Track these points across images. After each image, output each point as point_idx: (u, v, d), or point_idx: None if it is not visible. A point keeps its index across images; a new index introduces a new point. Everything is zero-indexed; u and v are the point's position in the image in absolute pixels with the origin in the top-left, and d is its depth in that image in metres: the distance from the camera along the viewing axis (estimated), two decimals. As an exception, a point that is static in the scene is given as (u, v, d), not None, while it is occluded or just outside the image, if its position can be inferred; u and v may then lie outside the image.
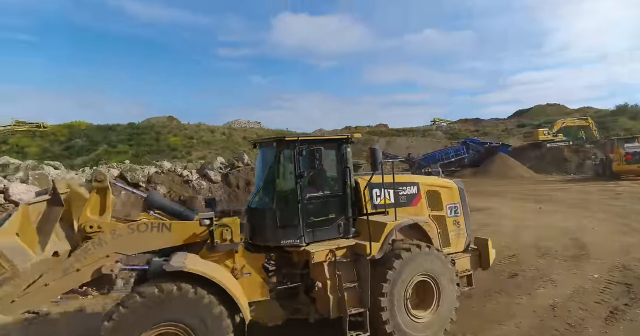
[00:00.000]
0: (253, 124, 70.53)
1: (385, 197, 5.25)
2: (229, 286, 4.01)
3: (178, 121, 59.15)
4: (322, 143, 5.00)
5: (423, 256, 4.86)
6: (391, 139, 58.89)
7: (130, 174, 9.66)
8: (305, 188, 4.85)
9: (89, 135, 51.08)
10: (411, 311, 4.81)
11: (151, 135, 49.07)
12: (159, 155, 44.40)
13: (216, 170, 11.21)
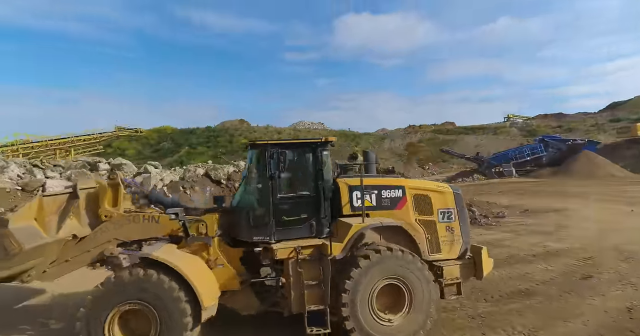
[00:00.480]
0: (316, 125, 72.38)
1: (366, 199, 5.25)
2: (187, 273, 4.38)
3: (248, 124, 63.12)
4: (292, 147, 5.31)
5: (393, 260, 4.84)
6: (458, 137, 56.12)
7: (214, 173, 11.02)
8: (278, 189, 5.06)
9: (174, 138, 57.12)
10: (377, 312, 4.83)
11: (225, 138, 53.25)
12: (233, 155, 48.10)
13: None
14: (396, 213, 5.33)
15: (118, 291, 4.35)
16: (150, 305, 4.32)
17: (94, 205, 5.21)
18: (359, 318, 4.68)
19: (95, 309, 4.29)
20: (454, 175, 36.72)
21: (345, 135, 64.84)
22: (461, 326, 5.57)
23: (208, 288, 4.64)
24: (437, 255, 5.44)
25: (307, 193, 5.21)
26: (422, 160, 50.82)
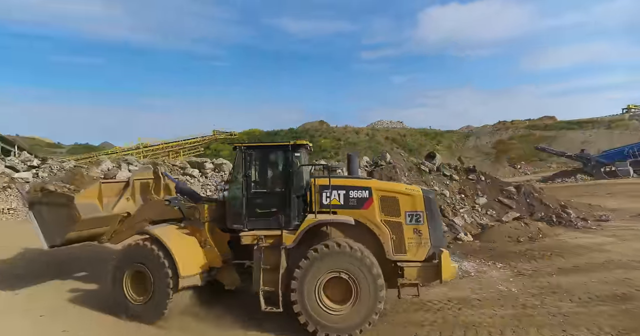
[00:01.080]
0: (395, 124, 71.28)
1: (334, 198, 5.59)
2: (170, 246, 5.54)
3: (328, 124, 65.05)
4: (264, 149, 6.00)
5: (341, 255, 5.16)
6: (558, 133, 50.06)
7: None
8: (252, 185, 5.74)
9: (261, 139, 61.97)
10: (324, 301, 5.18)
11: (306, 138, 55.93)
12: (312, 155, 50.44)
13: (362, 168, 12.83)
14: (362, 213, 5.59)
15: (129, 255, 5.82)
16: (147, 268, 5.63)
17: (146, 191, 7.01)
18: (305, 304, 5.16)
19: (117, 265, 5.81)
20: (551, 175, 33.11)
21: (426, 133, 62.64)
22: (540, 323, 5.58)
23: (189, 260, 5.67)
24: (402, 255, 5.55)
25: (277, 190, 5.83)
26: (513, 159, 46.68)
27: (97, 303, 6.15)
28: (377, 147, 52.69)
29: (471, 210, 12.81)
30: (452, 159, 37.16)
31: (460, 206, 12.65)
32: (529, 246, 9.92)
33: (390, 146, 55.93)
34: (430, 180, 13.35)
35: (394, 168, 12.72)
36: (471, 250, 9.85)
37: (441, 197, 12.74)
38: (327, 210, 5.61)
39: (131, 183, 7.02)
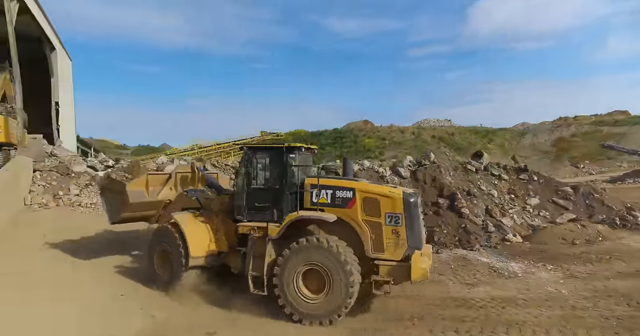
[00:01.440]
0: (443, 122, 69.00)
1: (323, 197, 6.02)
2: (184, 230, 6.48)
3: (372, 124, 64.75)
4: (262, 150, 6.74)
5: (317, 249, 5.63)
6: (631, 129, 45.49)
7: (340, 170, 12.61)
8: (252, 181, 6.44)
9: (306, 140, 63.28)
10: (301, 290, 5.73)
11: (350, 138, 56.14)
12: (356, 155, 50.50)
13: (406, 168, 12.89)
14: (346, 212, 5.94)
15: (157, 235, 7.04)
16: (169, 247, 6.63)
17: (184, 183, 8.09)
18: (284, 290, 5.74)
19: (150, 244, 7.08)
20: (620, 175, 30.26)
21: (476, 131, 59.92)
22: (590, 325, 5.48)
23: (199, 244, 6.49)
24: (380, 254, 5.79)
25: (272, 187, 6.39)
26: (575, 158, 43.19)
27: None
28: (423, 146, 51.48)
29: (521, 210, 12.35)
30: (505, 158, 35.33)
31: (510, 206, 12.26)
32: (585, 249, 9.44)
33: (437, 145, 54.30)
34: (477, 180, 13.07)
35: (439, 168, 12.63)
36: (520, 251, 9.60)
37: (488, 197, 12.45)
38: (316, 208, 6.05)
39: (173, 176, 8.24)
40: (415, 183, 12.30)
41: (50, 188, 12.02)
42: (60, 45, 20.18)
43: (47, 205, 11.10)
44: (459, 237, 10.36)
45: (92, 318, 5.32)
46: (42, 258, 7.72)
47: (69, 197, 11.77)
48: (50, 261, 7.55)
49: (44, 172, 12.51)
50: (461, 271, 8.19)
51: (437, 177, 12.27)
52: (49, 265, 7.30)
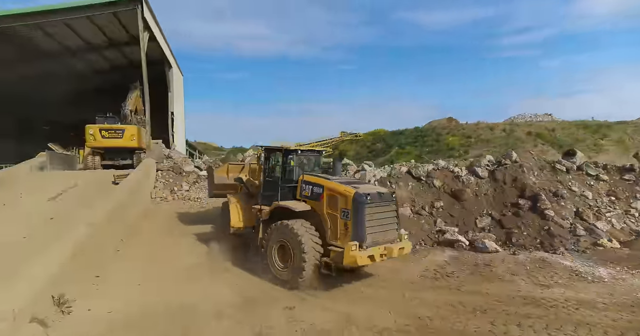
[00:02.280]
0: (541, 117, 62.06)
1: (307, 191, 7.52)
2: (230, 205, 8.77)
3: (457, 121, 61.49)
4: (271, 151, 8.38)
5: (286, 229, 7.17)
6: None
7: (414, 170, 12.89)
8: (266, 174, 8.40)
9: (386, 139, 62.95)
10: (277, 259, 7.42)
11: (432, 137, 54.27)
12: (437, 154, 48.64)
13: (483, 167, 12.57)
14: (317, 204, 7.32)
15: (222, 207, 9.50)
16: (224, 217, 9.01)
17: (253, 171, 9.49)
18: (269, 256, 7.53)
19: (222, 211, 9.48)
20: None
21: (585, 126, 52.67)
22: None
23: (237, 217, 8.63)
24: (334, 241, 6.98)
25: (275, 180, 8.10)
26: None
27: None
28: (516, 144, 47.27)
29: (623, 214, 11.16)
30: (626, 156, 30.54)
31: (608, 209, 11.18)
32: (699, 260, 8.33)
33: (533, 142, 49.27)
34: (568, 181, 12.13)
35: (521, 168, 12.07)
36: (614, 257, 8.86)
37: (581, 199, 11.51)
38: (301, 199, 7.65)
39: (246, 165, 10.40)
40: (494, 184, 12.00)
41: (168, 184, 14.76)
42: (175, 63, 24.06)
43: (166, 199, 13.72)
44: (540, 239, 9.95)
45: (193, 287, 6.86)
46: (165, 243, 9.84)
47: (182, 192, 14.32)
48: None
49: (163, 171, 15.38)
50: (537, 273, 8.01)
51: (519, 177, 11.78)
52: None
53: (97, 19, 16.93)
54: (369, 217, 6.86)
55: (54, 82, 23.48)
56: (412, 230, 10.74)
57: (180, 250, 9.10)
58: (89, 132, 15.28)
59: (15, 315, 3.83)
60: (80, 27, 17.85)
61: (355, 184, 7.51)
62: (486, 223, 10.88)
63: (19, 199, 9.92)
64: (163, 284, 6.84)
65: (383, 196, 7.27)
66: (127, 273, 7.09)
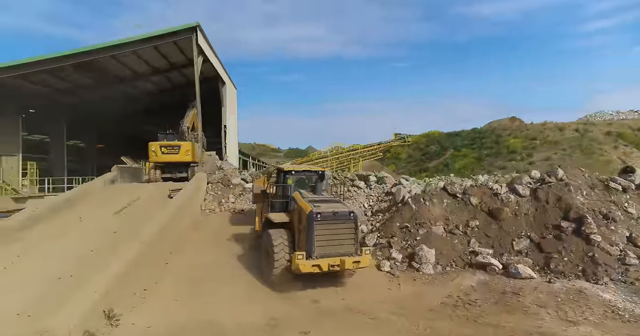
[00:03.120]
0: (625, 114, 55.29)
1: (291, 205, 9.35)
2: (257, 215, 11.01)
3: (521, 121, 57.32)
4: (277, 172, 10.45)
5: (266, 236, 8.91)
6: None
7: (450, 187, 12.68)
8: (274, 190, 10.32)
9: (440, 141, 60.79)
10: (263, 259, 9.20)
11: (491, 138, 51.23)
12: (497, 157, 45.79)
13: (525, 185, 11.96)
14: (292, 217, 9.06)
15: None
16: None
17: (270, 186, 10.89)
18: (263, 260, 9.27)
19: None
20: None
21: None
22: None
23: (258, 223, 10.58)
24: (298, 250, 8.33)
25: (276, 195, 9.98)
26: None
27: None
28: (590, 146, 42.93)
29: (692, 242, 10.00)
30: None
31: (671, 235, 10.08)
32: None
33: (613, 143, 44.22)
34: (624, 201, 11.12)
35: (567, 186, 11.32)
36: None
37: (638, 222, 10.53)
38: (288, 212, 9.43)
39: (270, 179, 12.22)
40: (536, 203, 11.43)
41: (216, 196, 16.22)
42: (228, 79, 26.02)
43: (214, 211, 15.11)
44: (582, 266, 9.37)
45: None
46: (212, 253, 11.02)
47: (228, 204, 15.65)
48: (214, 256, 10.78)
49: (213, 184, 16.90)
50: (568, 306, 7.67)
51: (564, 197, 11.09)
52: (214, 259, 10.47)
53: (160, 47, 19.21)
54: (319, 232, 8.20)
55: (128, 102, 26.92)
56: (443, 250, 10.73)
57: (221, 262, 10.12)
58: (151, 149, 17.34)
59: (70, 331, 4.91)
60: (147, 55, 20.44)
61: (320, 203, 8.84)
62: (524, 246, 10.47)
63: (93, 213, 11.77)
64: (199, 299, 7.80)
65: (338, 214, 8.46)
66: (171, 287, 8.21)
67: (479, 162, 47.33)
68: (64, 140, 26.12)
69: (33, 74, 17.31)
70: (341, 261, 8.03)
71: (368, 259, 8.57)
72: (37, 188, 21.26)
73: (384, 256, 10.78)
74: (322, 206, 8.61)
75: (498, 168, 42.41)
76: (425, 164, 57.51)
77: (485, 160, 46.84)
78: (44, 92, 21.60)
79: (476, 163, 47.36)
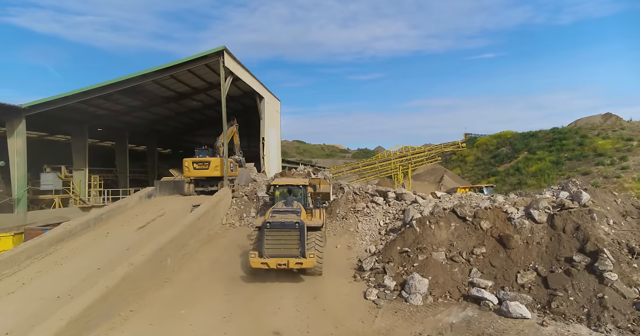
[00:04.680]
0: None
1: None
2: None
3: (617, 118, 50.43)
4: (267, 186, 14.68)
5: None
6: None
7: (460, 209, 12.31)
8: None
9: (513, 143, 56.19)
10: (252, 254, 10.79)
11: (574, 140, 45.99)
12: (580, 161, 41.04)
13: (542, 210, 11.11)
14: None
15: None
16: None
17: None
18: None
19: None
20: None
21: None
22: None
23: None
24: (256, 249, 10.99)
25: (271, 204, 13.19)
26: None
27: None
28: None
29: None
30: None
31: None
32: None
33: None
34: (664, 232, 9.85)
35: (590, 214, 10.33)
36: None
37: (676, 260, 9.29)
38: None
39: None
40: (551, 231, 10.69)
41: (239, 210, 17.75)
42: (268, 93, 27.94)
43: (234, 225, 16.62)
44: (588, 308, 8.67)
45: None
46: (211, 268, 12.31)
47: (248, 219, 17.05)
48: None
49: (238, 198, 18.50)
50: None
51: (583, 226, 10.22)
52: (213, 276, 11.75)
53: (194, 70, 21.67)
54: (268, 237, 10.59)
55: (180, 117, 30.43)
56: (440, 279, 10.67)
57: (212, 287, 10.79)
58: (185, 164, 19.56)
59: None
60: (183, 77, 23.25)
61: (279, 213, 11.19)
62: (528, 280, 9.95)
63: (120, 229, 13.95)
64: (178, 325, 8.71)
65: (285, 224, 10.66)
66: (159, 309, 9.35)
67: (557, 166, 42.99)
68: (127, 154, 30.44)
69: (91, 100, 20.77)
70: (287, 261, 10.31)
71: (310, 262, 10.45)
72: (101, 198, 25.21)
73: (376, 282, 11.01)
74: (277, 216, 11.00)
75: (580, 174, 38.11)
76: (494, 168, 53.92)
77: (564, 164, 42.40)
78: (104, 114, 25.65)
79: (553, 168, 43.09)
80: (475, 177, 54.84)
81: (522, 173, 47.31)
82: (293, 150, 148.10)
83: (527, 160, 48.47)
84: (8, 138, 18.86)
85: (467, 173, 57.27)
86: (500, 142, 59.04)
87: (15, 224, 18.06)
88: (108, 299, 8.19)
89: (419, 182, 55.30)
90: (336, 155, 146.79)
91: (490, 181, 49.50)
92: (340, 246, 14.41)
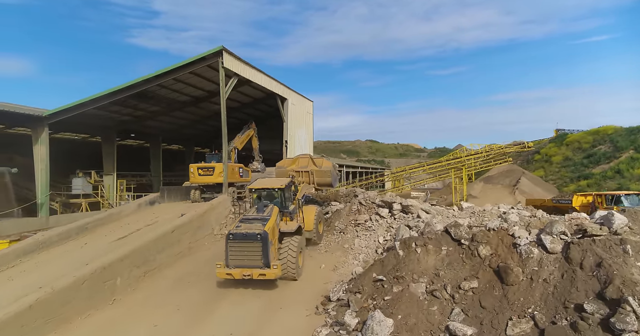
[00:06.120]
0: None
1: None
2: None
3: None
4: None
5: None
6: None
7: (454, 230, 10.36)
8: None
9: (614, 140, 48.32)
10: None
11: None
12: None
13: (556, 236, 8.71)
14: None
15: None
16: None
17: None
18: None
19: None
20: None
21: None
22: None
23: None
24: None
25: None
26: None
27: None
28: None
29: None
30: None
31: None
32: None
33: None
34: None
35: (621, 245, 7.81)
36: None
37: None
38: None
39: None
40: (565, 266, 8.40)
41: (235, 220, 17.45)
42: (293, 93, 27.79)
43: (224, 235, 16.34)
44: (591, 383, 6.49)
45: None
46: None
47: (241, 230, 16.67)
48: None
49: (238, 206, 18.24)
50: None
51: (607, 262, 7.80)
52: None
53: (201, 72, 22.24)
54: (231, 248, 10.89)
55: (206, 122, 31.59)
56: (410, 319, 9.08)
57: (156, 309, 10.41)
58: (190, 170, 19.90)
59: None
60: (193, 81, 24.00)
61: (246, 222, 11.37)
62: (521, 331, 7.92)
63: (99, 239, 14.44)
64: None
65: (247, 235, 10.82)
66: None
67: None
68: (160, 158, 32.42)
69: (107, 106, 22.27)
70: (250, 272, 10.68)
71: (274, 273, 10.73)
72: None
73: (336, 318, 9.68)
74: (243, 226, 11.23)
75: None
76: (586, 170, 47.25)
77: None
78: (128, 119, 27.57)
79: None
80: (561, 179, 48.37)
81: (624, 176, 40.57)
82: (365, 149, 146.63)
83: (633, 161, 41.47)
84: (33, 146, 20.99)
85: (552, 175, 50.69)
86: (597, 138, 51.46)
87: (38, 228, 20.01)
88: (5, 330, 7.94)
89: (490, 186, 50.61)
90: (410, 155, 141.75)
91: (580, 185, 43.19)
92: (325, 266, 13.26)
